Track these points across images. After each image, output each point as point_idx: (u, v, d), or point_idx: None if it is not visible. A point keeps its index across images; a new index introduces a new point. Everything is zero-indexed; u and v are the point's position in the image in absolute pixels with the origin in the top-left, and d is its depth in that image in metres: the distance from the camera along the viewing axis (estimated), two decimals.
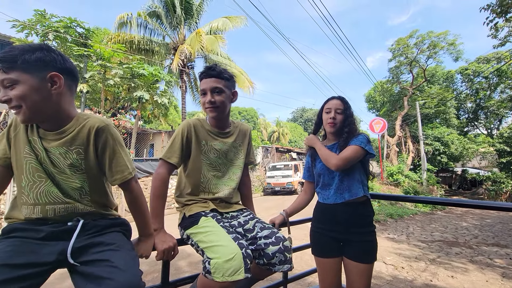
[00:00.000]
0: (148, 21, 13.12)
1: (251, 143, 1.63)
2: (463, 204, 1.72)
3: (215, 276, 1.04)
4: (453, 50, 17.73)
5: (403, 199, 1.98)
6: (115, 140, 1.02)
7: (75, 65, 1.01)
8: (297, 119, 46.86)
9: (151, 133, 14.15)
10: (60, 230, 0.95)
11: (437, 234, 6.92)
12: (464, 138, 21.06)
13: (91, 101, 10.41)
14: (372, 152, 1.43)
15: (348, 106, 1.52)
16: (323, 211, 1.50)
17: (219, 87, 1.34)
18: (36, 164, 0.95)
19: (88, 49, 8.31)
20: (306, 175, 1.67)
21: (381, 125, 11.73)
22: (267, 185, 15.26)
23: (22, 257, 0.84)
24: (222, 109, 1.37)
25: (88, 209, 1.00)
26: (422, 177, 16.16)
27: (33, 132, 0.96)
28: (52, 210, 0.95)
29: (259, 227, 1.32)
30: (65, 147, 0.95)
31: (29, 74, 0.86)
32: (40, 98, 0.88)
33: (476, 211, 12.07)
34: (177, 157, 1.32)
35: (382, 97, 22.82)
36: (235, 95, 1.45)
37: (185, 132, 1.35)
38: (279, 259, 1.22)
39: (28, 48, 0.87)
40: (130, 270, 0.88)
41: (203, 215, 1.27)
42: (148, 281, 3.38)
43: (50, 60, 0.90)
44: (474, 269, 4.22)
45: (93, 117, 1.00)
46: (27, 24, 7.83)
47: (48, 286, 3.25)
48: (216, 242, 1.11)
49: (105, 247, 0.94)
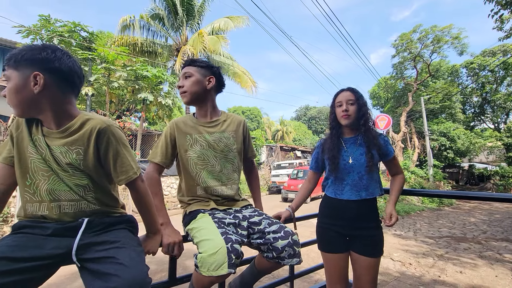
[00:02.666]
0: (151, 23, 13.22)
1: (249, 137, 1.59)
2: (474, 197, 1.67)
3: (201, 270, 1.04)
4: (458, 44, 17.47)
5: (413, 193, 1.97)
6: (118, 140, 1.01)
7: (73, 66, 0.99)
8: (300, 117, 46.63)
9: (156, 134, 14.24)
10: (66, 227, 0.96)
11: (444, 230, 6.86)
12: (471, 133, 20.80)
13: (97, 103, 10.52)
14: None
15: (359, 96, 1.49)
16: (333, 206, 1.48)
17: (188, 72, 1.39)
18: (40, 162, 0.96)
19: (93, 52, 8.40)
20: (313, 166, 1.63)
21: (385, 121, 11.61)
22: (272, 184, 15.28)
23: (25, 251, 0.86)
24: (190, 93, 1.39)
25: (92, 206, 1.01)
26: (428, 173, 16.00)
27: (38, 131, 0.97)
28: (57, 208, 0.97)
29: (266, 222, 1.31)
30: (66, 147, 0.96)
31: (17, 72, 0.90)
32: (22, 95, 0.90)
33: (484, 206, 11.91)
34: (160, 156, 1.35)
35: (386, 94, 22.64)
36: (211, 81, 1.43)
37: (168, 131, 1.38)
38: (289, 252, 1.22)
39: (29, 48, 0.92)
40: (136, 267, 0.88)
41: (201, 212, 1.29)
42: (156, 280, 3.41)
43: (38, 60, 0.91)
44: (483, 264, 4.18)
45: (95, 118, 1.00)
46: (32, 29, 7.94)
47: (59, 286, 3.30)
48: (204, 236, 1.12)
49: (110, 244, 0.94)
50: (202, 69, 1.41)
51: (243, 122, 1.55)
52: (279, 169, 15.47)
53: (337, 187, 1.48)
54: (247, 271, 1.44)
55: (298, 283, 3.07)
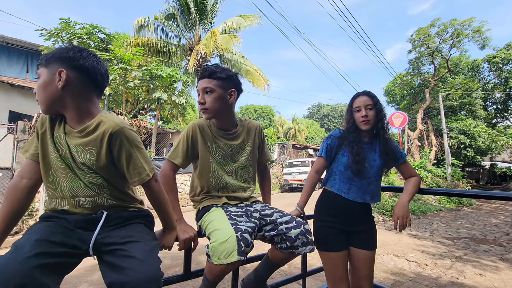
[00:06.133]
0: (165, 24, 13.46)
1: (264, 140, 1.59)
2: (495, 196, 1.58)
3: (213, 259, 1.07)
4: (479, 37, 16.69)
5: (429, 192, 1.94)
6: (131, 143, 1.02)
7: (97, 65, 1.04)
8: (313, 115, 46.13)
9: (170, 132, 14.53)
10: (86, 220, 1.01)
11: (463, 231, 6.63)
12: (493, 130, 19.87)
13: (113, 103, 10.85)
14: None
15: (376, 100, 1.50)
16: (337, 204, 1.49)
17: (209, 86, 1.32)
18: (59, 160, 1.01)
19: (109, 53, 8.67)
20: (328, 154, 1.55)
21: (401, 119, 11.31)
22: (284, 182, 15.24)
23: (58, 236, 0.92)
24: (212, 110, 1.33)
25: (109, 201, 1.06)
26: (446, 172, 15.46)
27: (60, 129, 1.02)
28: (77, 203, 1.02)
29: (278, 214, 1.35)
30: (82, 147, 1.00)
31: (46, 69, 0.97)
32: (48, 91, 0.96)
33: (507, 207, 11.40)
34: (181, 157, 1.35)
35: (402, 90, 21.99)
36: (232, 94, 1.37)
37: (190, 134, 1.36)
38: (302, 241, 1.25)
39: (58, 48, 1.01)
40: (148, 261, 0.91)
41: (214, 206, 1.33)
42: (171, 274, 3.50)
43: (64, 58, 0.97)
44: (505, 267, 4.01)
45: (109, 120, 1.01)
46: (53, 32, 8.28)
47: (79, 278, 3.44)
48: (215, 227, 1.16)
49: (125, 238, 0.98)
50: (224, 82, 1.34)
51: (259, 128, 1.55)
52: (291, 167, 15.41)
53: (344, 185, 1.48)
54: (261, 266, 1.47)
55: (310, 281, 3.07)
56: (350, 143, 1.48)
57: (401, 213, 1.42)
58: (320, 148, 1.59)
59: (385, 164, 1.51)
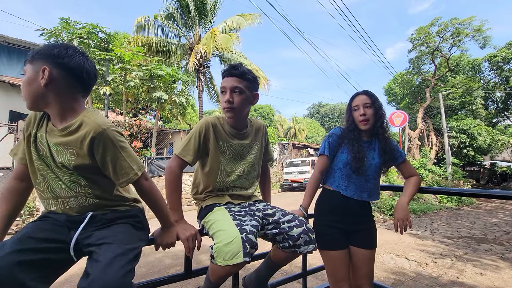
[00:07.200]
0: (165, 23, 13.46)
1: (268, 139, 1.61)
2: (495, 195, 1.58)
3: (217, 260, 1.06)
4: (480, 36, 16.64)
5: (429, 191, 1.94)
6: (114, 144, 0.99)
7: (84, 64, 1.01)
8: (313, 114, 46.10)
9: (170, 132, 14.54)
10: (70, 221, 1.01)
11: (464, 230, 6.63)
12: (493, 130, 19.83)
13: (114, 103, 10.86)
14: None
15: (375, 99, 1.51)
16: (335, 201, 1.49)
17: (239, 87, 1.31)
18: (39, 160, 1.00)
19: (110, 53, 8.67)
20: (329, 152, 1.54)
21: (401, 118, 11.30)
22: (285, 182, 15.24)
23: (43, 233, 0.94)
24: (239, 111, 1.34)
25: (91, 201, 1.03)
26: (446, 171, 15.45)
27: (42, 128, 1.01)
28: (61, 204, 1.01)
29: (280, 213, 1.34)
30: (62, 146, 0.98)
31: (31, 65, 0.96)
32: (32, 88, 0.95)
33: (507, 206, 11.39)
34: (191, 155, 1.31)
35: (402, 89, 21.94)
36: (256, 97, 1.41)
37: (203, 131, 1.33)
38: (304, 239, 1.24)
39: (45, 45, 0.99)
40: (114, 265, 0.85)
41: (217, 206, 1.32)
42: (171, 273, 3.50)
43: (48, 55, 0.95)
44: (505, 266, 4.02)
45: (91, 121, 0.98)
46: (53, 31, 8.28)
47: (71, 283, 3.41)
48: (219, 227, 1.14)
49: (102, 239, 0.95)
50: (251, 84, 1.36)
51: (264, 128, 1.58)
52: (291, 167, 15.40)
53: (343, 182, 1.49)
54: (263, 266, 1.46)
55: (310, 280, 3.07)
56: (350, 141, 1.49)
57: (401, 216, 1.43)
58: (322, 146, 1.58)
59: (384, 163, 1.52)
